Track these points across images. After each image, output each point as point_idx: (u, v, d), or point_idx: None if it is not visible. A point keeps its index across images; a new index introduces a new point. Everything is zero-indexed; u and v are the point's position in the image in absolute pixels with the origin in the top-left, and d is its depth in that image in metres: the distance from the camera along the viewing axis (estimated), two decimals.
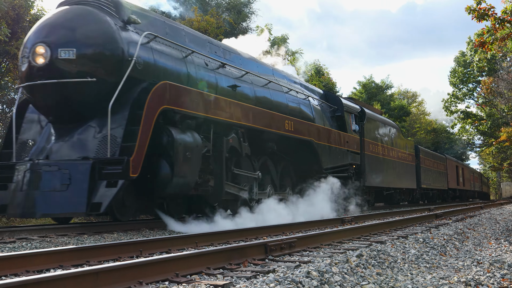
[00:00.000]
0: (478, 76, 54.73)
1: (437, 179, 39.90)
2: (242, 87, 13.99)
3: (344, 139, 19.93)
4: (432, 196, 39.87)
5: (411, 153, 30.79)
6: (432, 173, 37.72)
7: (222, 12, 29.01)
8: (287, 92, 16.58)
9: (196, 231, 10.13)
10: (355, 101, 24.59)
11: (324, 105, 19.93)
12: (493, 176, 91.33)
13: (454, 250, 8.42)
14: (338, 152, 19.08)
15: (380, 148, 24.28)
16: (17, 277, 5.27)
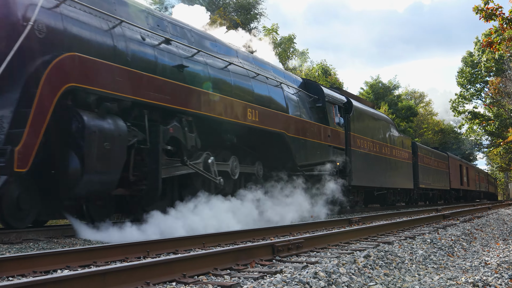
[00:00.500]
0: (485, 77, 54.57)
1: (438, 178, 38.05)
2: (192, 68, 11.81)
3: (326, 132, 18.13)
4: (432, 197, 38.54)
5: (407, 150, 29.00)
6: (432, 172, 36.02)
7: (230, 12, 29.01)
8: (254, 77, 14.49)
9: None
10: (341, 91, 22.81)
11: (302, 94, 17.84)
12: (501, 177, 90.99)
13: (462, 250, 8.39)
14: (317, 147, 17.34)
15: (370, 144, 22.61)
16: (24, 278, 5.28)
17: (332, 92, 20.04)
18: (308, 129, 16.71)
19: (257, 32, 30.91)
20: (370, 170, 22.37)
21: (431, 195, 37.59)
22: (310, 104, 18.06)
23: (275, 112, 14.98)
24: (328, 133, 18.24)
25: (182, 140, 11.34)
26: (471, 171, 52.73)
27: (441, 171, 38.95)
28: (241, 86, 13.79)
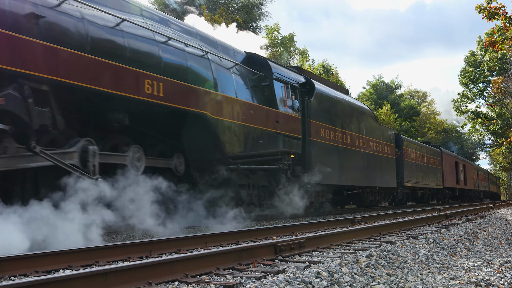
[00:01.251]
0: (488, 76, 54.50)
1: (429, 176, 34.32)
2: (53, 19, 8.72)
3: (273, 117, 14.89)
4: (421, 197, 34.86)
5: (389, 144, 25.39)
6: (421, 169, 32.34)
7: (232, 12, 29.04)
8: (165, 42, 11.20)
9: None
10: (301, 71, 18.99)
11: (243, 70, 14.56)
12: (504, 176, 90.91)
13: (464, 250, 8.38)
14: (259, 135, 14.18)
15: (339, 135, 19.35)
16: (26, 278, 5.28)
17: (284, 69, 16.68)
18: (246, 111, 13.56)
19: (259, 31, 30.92)
20: (338, 165, 19.08)
21: (420, 195, 34.04)
22: (254, 82, 14.84)
23: (192, 88, 11.59)
24: (276, 118, 15.07)
25: (22, 117, 8.12)
26: (469, 169, 49.43)
27: (432, 168, 35.37)
28: (141, 51, 10.50)
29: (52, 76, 8.49)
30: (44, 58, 8.34)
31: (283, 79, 15.78)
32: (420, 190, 33.29)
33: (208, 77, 12.51)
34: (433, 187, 35.33)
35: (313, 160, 16.99)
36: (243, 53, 15.46)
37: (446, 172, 38.58)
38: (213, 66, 12.76)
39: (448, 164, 39.62)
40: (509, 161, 63.38)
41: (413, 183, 30.40)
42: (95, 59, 9.22)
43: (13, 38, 7.84)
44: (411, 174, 29.96)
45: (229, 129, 12.89)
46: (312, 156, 16.97)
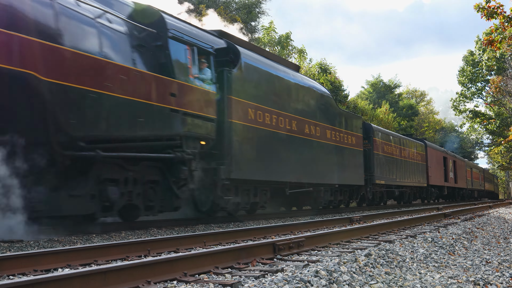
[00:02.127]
0: (486, 75, 54.60)
1: (410, 172, 30.22)
2: None
3: (164, 88, 11.00)
4: (400, 196, 30.20)
5: (355, 134, 21.59)
6: (398, 165, 28.20)
7: (231, 11, 29.03)
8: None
9: None
10: (224, 35, 14.61)
11: (124, 23, 10.74)
12: (502, 175, 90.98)
13: (463, 249, 8.39)
14: (139, 111, 10.27)
15: (280, 119, 15.61)
16: (25, 277, 5.28)
17: (191, 28, 12.82)
18: (113, 76, 9.75)
19: (257, 30, 30.91)
20: (278, 157, 15.35)
21: (397, 194, 29.10)
22: (140, 40, 10.98)
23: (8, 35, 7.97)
24: (170, 90, 11.19)
25: None
26: (461, 166, 45.37)
27: (414, 163, 31.28)
28: None
29: None
30: None
31: (185, 39, 11.93)
32: (398, 189, 28.71)
33: (47, 25, 8.69)
34: (415, 185, 31.30)
35: (235, 148, 13.28)
36: (130, 4, 11.85)
37: (432, 168, 34.79)
38: (59, 11, 8.96)
39: (434, 160, 35.64)
40: (507, 160, 63.47)
41: (388, 180, 26.33)
42: None
43: None
44: (385, 170, 25.87)
45: (79, 100, 9.07)
46: (233, 143, 13.27)
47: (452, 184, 40.89)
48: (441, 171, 37.77)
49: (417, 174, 31.70)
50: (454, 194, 43.73)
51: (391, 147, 27.32)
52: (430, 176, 34.20)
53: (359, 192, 23.37)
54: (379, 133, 25.92)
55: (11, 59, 7.96)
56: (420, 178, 32.38)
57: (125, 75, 9.99)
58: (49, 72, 8.41)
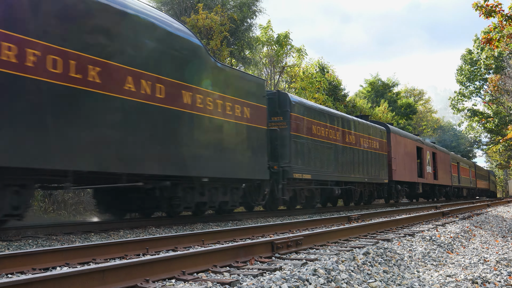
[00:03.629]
0: (485, 74, 54.65)
1: (360, 165, 22.87)
2: None
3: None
4: (346, 195, 23.07)
5: (252, 104, 14.75)
6: (339, 154, 20.76)
7: (228, 9, 29.01)
8: None
9: None
10: None
11: None
12: (500, 174, 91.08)
13: (461, 248, 8.40)
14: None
15: (90, 73, 9.50)
16: (23, 275, 5.28)
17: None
18: None
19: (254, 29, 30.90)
20: (106, 135, 9.95)
21: (339, 192, 20.96)
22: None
23: None
24: None
25: None
26: (443, 159, 38.93)
27: (369, 153, 23.93)
28: None
29: None
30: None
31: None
32: (337, 186, 20.88)
33: None
34: (370, 181, 24.00)
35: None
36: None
37: (398, 160, 27.97)
38: None
39: (402, 150, 28.96)
40: (505, 158, 63.54)
41: (319, 174, 18.89)
42: None
43: None
44: (314, 160, 18.59)
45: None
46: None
47: (430, 180, 34.43)
48: (414, 164, 30.90)
49: (373, 167, 24.23)
50: (433, 192, 36.92)
51: (326, 129, 19.86)
52: (395, 170, 27.13)
53: (262, 190, 16.14)
54: (302, 108, 18.13)
55: None
56: (378, 172, 24.83)
57: None
58: None
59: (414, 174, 31.06)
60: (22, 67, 8.29)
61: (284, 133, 16.89)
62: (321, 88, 34.41)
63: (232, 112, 13.69)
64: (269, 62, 33.28)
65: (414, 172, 31.09)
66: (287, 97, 17.31)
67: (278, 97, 17.24)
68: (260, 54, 33.01)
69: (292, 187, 17.61)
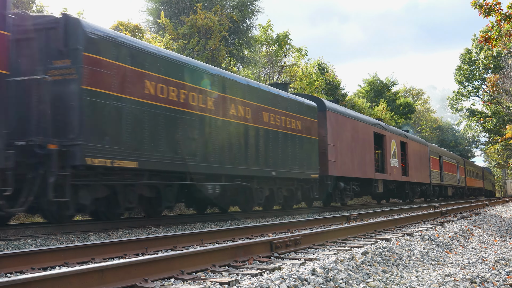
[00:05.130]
0: (483, 74, 54.67)
1: (258, 150, 15.37)
2: None
3: None
4: (219, 196, 14.35)
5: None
6: (209, 130, 13.28)
7: (226, 9, 29.01)
8: None
9: None
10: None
11: None
12: (499, 173, 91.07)
13: (459, 247, 8.41)
14: None
15: None
16: (22, 274, 5.28)
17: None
18: None
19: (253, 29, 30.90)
20: None
21: (213, 192, 13.93)
22: None
23: None
24: None
25: None
26: (418, 152, 32.55)
27: (280, 135, 16.66)
28: None
29: None
30: None
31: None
32: (215, 182, 13.77)
33: None
34: (286, 175, 16.88)
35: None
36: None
37: (341, 149, 21.05)
38: None
39: (347, 136, 21.85)
40: (504, 158, 63.58)
41: (156, 160, 11.57)
42: None
43: None
44: (151, 137, 11.51)
45: None
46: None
47: (396, 177, 27.45)
48: (369, 155, 23.86)
49: (291, 155, 17.19)
50: (403, 192, 30.56)
51: (182, 91, 12.47)
52: (333, 162, 20.12)
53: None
54: (115, 47, 10.79)
55: None
56: (301, 164, 17.78)
57: None
58: None
59: (370, 168, 23.79)
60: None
61: (70, 87, 9.88)
62: (319, 88, 34.42)
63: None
64: (268, 62, 33.29)
65: (370, 166, 23.80)
66: (79, 25, 10.12)
67: (64, 27, 10.07)
68: (259, 54, 33.01)
69: (89, 180, 10.37)
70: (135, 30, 23.82)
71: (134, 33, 23.43)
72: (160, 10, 27.70)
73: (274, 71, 33.68)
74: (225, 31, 26.45)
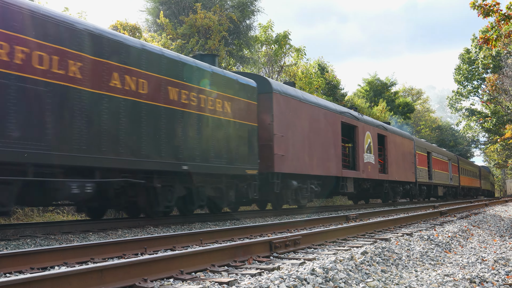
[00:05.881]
0: (483, 73, 54.70)
1: (159, 136, 11.48)
2: None
3: None
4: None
5: None
6: (68, 105, 9.31)
7: (226, 9, 29.02)
8: None
9: None
10: None
11: None
12: (498, 173, 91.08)
13: (459, 247, 8.40)
14: None
15: None
16: (22, 274, 5.28)
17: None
18: None
19: (253, 28, 30.90)
20: None
21: (76, 192, 9.44)
22: None
23: None
24: None
25: None
26: (400, 146, 28.40)
27: (193, 117, 12.64)
28: None
29: None
30: None
31: None
32: (84, 181, 9.69)
33: None
34: (207, 170, 13.11)
35: None
36: None
37: (294, 141, 17.12)
38: None
39: (302, 125, 17.87)
40: (503, 158, 63.59)
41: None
42: None
43: None
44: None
45: None
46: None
47: (371, 174, 23.64)
48: (334, 149, 20.06)
49: (212, 146, 13.35)
50: (380, 191, 26.49)
51: (23, 48, 8.68)
52: (281, 156, 16.13)
53: None
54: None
55: None
56: (231, 157, 14.05)
57: None
58: None
59: (336, 164, 19.97)
60: None
61: None
62: (319, 88, 34.41)
63: None
64: (268, 62, 33.28)
65: (336, 162, 19.99)
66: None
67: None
68: (259, 54, 33.01)
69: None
70: (133, 30, 23.80)
71: (133, 32, 23.41)
72: (160, 10, 27.69)
73: (273, 70, 33.67)
74: (225, 31, 26.44)
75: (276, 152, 15.77)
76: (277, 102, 16.16)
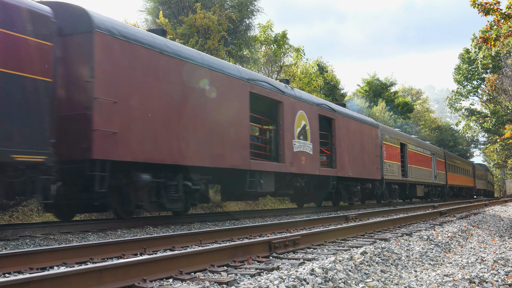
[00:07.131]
0: (482, 73, 54.71)
1: None
2: None
3: None
4: None
5: None
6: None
7: (225, 9, 29.01)
8: None
9: None
10: None
11: None
12: (498, 173, 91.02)
13: (458, 247, 8.40)
14: None
15: None
16: (21, 275, 5.27)
17: None
18: None
19: (252, 28, 30.90)
20: None
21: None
22: None
23: None
24: None
25: None
26: (359, 134, 22.21)
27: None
28: None
29: None
30: None
31: None
32: None
33: None
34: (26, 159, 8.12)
35: None
36: None
37: (143, 111, 10.72)
38: None
39: (155, 87, 11.08)
40: (503, 158, 63.59)
41: None
42: None
43: None
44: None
45: None
46: None
47: (308, 169, 17.45)
48: (238, 131, 13.97)
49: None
50: (323, 190, 19.96)
51: None
52: (110, 135, 9.91)
53: None
54: None
55: None
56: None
57: None
58: None
59: (238, 153, 13.83)
60: None
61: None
62: (318, 87, 34.40)
63: None
64: (267, 62, 33.27)
65: (239, 150, 13.87)
66: None
67: None
68: (258, 54, 33.00)
69: None
70: None
71: None
72: (159, 9, 27.66)
73: (273, 70, 33.66)
74: (224, 31, 26.42)
75: (97, 127, 9.67)
76: (104, 48, 10.07)
